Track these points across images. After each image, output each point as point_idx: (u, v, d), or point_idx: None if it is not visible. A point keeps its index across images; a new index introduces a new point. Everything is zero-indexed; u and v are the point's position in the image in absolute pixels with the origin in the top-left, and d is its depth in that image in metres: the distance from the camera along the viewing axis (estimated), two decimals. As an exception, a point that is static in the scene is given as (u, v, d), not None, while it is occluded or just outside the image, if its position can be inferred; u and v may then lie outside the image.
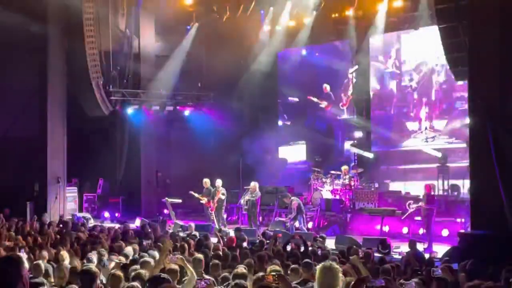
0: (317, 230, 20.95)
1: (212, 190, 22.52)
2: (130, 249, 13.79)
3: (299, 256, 12.37)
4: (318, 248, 15.10)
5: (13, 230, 17.39)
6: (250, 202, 21.76)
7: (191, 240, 15.01)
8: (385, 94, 25.53)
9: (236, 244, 15.90)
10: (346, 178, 23.00)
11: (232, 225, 22.78)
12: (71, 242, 14.98)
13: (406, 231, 19.99)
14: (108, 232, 17.63)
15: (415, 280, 8.58)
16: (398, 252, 16.70)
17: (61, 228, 18.67)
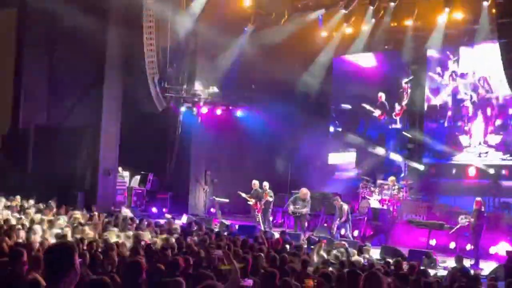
0: (363, 239, 20.83)
1: (260, 192, 22.58)
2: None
3: (344, 264, 12.33)
4: (363, 257, 15.03)
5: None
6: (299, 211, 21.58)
7: (236, 240, 15.07)
8: (439, 106, 25.22)
9: (281, 247, 15.94)
10: (395, 188, 22.79)
11: (277, 228, 22.80)
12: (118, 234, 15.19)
13: (453, 246, 19.72)
14: (154, 227, 17.85)
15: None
16: (444, 267, 16.49)
17: (109, 219, 18.92)
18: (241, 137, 26.72)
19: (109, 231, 15.27)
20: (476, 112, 24.18)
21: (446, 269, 15.72)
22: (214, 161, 27.73)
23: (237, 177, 25.80)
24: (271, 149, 26.56)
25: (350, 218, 21.05)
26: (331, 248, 16.17)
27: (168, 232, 16.54)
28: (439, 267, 16.64)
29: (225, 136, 26.17)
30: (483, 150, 23.73)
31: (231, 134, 26.38)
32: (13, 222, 15.50)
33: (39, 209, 19.81)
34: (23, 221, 16.18)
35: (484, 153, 23.70)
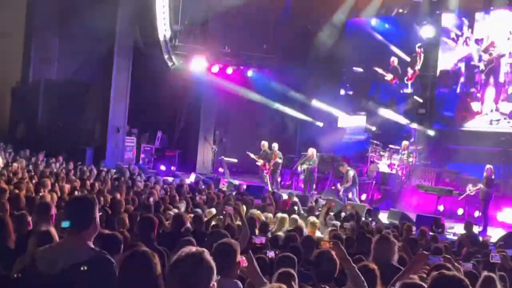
0: (370, 203, 20.84)
1: (268, 153, 22.55)
2: (183, 203, 14.02)
3: (354, 227, 12.33)
4: (372, 220, 15.03)
5: (72, 173, 17.77)
6: (307, 170, 21.67)
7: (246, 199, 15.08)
8: (452, 72, 24.94)
9: (288, 208, 15.96)
10: (404, 153, 22.73)
11: (285, 189, 22.80)
12: (126, 190, 15.23)
13: (461, 212, 19.73)
14: (163, 184, 17.90)
15: (473, 262, 8.46)
16: (452, 233, 16.49)
17: (118, 176, 18.96)
18: (252, 97, 26.52)
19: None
20: (488, 79, 23.90)
21: (455, 235, 15.73)
22: (223, 121, 27.67)
23: (246, 137, 25.76)
24: (281, 111, 26.40)
25: (357, 183, 21.04)
26: (339, 210, 16.19)
27: (176, 190, 16.56)
28: (447, 233, 16.65)
29: (236, 96, 26.00)
30: (495, 117, 23.51)
31: (241, 94, 26.20)
32: (21, 175, 15.56)
33: (48, 163, 19.89)
34: (32, 174, 16.24)
35: (496, 120, 23.49)
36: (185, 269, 3.41)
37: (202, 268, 3.43)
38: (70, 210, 4.49)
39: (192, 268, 3.41)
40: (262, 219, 12.01)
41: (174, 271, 3.44)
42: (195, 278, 3.41)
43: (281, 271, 5.56)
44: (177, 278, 3.41)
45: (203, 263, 3.44)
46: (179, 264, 3.43)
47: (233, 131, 27.66)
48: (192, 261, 3.43)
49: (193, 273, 3.39)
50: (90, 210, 4.37)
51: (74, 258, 4.22)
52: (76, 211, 4.40)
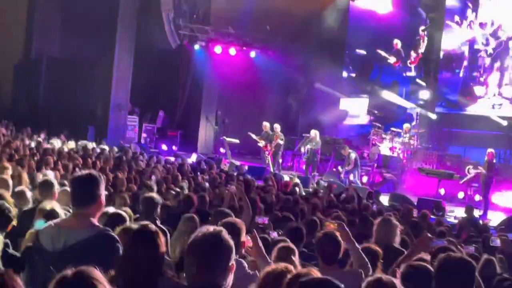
0: (371, 186, 20.86)
1: (270, 134, 22.54)
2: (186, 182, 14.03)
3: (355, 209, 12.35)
4: (373, 203, 15.05)
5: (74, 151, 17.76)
6: (311, 151, 21.65)
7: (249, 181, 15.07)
8: (456, 55, 24.90)
9: (289, 190, 15.99)
10: (406, 136, 22.73)
11: (286, 171, 22.82)
12: (128, 169, 15.24)
13: (462, 196, 19.78)
14: (164, 164, 17.90)
15: (475, 245, 8.50)
16: (453, 216, 16.53)
17: (120, 155, 18.95)
18: (254, 78, 26.46)
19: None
20: (492, 63, 23.88)
21: (456, 218, 15.77)
22: (225, 101, 27.64)
23: (248, 118, 25.73)
24: (283, 92, 26.37)
25: (358, 165, 21.06)
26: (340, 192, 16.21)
27: (178, 169, 16.55)
28: (447, 216, 16.68)
29: (238, 76, 25.93)
30: (497, 101, 23.52)
31: (244, 74, 26.12)
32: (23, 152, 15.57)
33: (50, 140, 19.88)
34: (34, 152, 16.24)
35: (498, 104, 23.51)
36: (205, 249, 3.37)
37: (222, 248, 3.39)
38: (75, 187, 4.49)
39: (211, 248, 3.37)
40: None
41: (193, 251, 3.41)
42: (215, 257, 3.38)
43: (280, 245, 5.58)
44: (196, 258, 3.38)
45: (222, 243, 3.41)
46: (198, 244, 3.40)
47: (235, 111, 27.63)
48: (211, 241, 3.39)
49: (212, 253, 3.36)
50: (95, 187, 4.37)
51: (78, 235, 4.23)
52: (81, 188, 4.41)
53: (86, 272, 2.67)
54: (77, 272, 2.66)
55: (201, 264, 3.38)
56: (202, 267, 3.38)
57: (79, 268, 2.68)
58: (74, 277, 2.64)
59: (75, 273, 2.66)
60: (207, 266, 3.38)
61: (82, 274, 2.66)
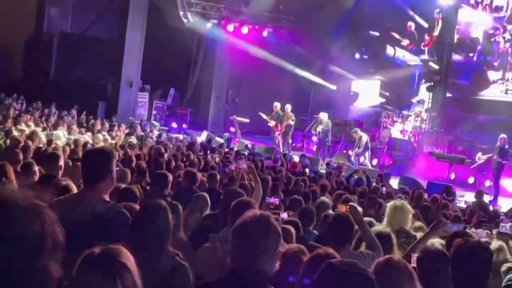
0: (381, 168, 20.79)
1: (281, 114, 22.45)
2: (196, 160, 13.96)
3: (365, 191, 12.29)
4: (383, 186, 14.98)
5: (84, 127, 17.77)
6: (322, 132, 21.55)
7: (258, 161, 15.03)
8: (470, 39, 24.65)
9: (298, 170, 15.95)
10: (417, 120, 22.61)
11: (296, 151, 22.76)
12: (138, 146, 15.22)
13: (472, 181, 19.68)
14: (175, 141, 17.87)
15: (486, 230, 8.43)
16: (464, 201, 16.44)
17: (130, 131, 18.95)
18: (266, 58, 26.31)
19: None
20: (506, 47, 23.64)
21: (466, 203, 15.68)
22: (236, 80, 27.54)
23: (258, 98, 25.63)
24: (294, 72, 26.20)
25: (369, 147, 20.97)
26: (350, 174, 16.16)
27: (188, 147, 16.52)
28: (457, 200, 16.60)
29: (250, 55, 25.81)
30: (511, 86, 23.31)
31: (256, 54, 26.00)
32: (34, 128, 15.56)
33: (60, 116, 19.87)
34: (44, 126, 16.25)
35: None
36: (254, 233, 3.24)
37: (271, 233, 3.27)
38: (87, 162, 4.45)
39: (261, 232, 3.24)
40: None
41: (241, 235, 3.29)
42: (264, 242, 3.24)
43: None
44: (244, 242, 3.27)
45: (271, 227, 3.29)
46: (246, 228, 3.27)
47: (246, 91, 27.55)
48: (261, 225, 3.26)
49: (262, 237, 3.23)
50: (107, 163, 4.31)
51: (89, 210, 4.20)
52: (93, 163, 4.36)
53: (114, 249, 2.64)
54: (105, 249, 2.63)
55: (248, 249, 3.26)
56: (249, 253, 3.26)
57: (107, 246, 2.66)
58: (101, 254, 2.61)
59: (103, 250, 2.63)
60: (255, 252, 3.25)
61: (110, 251, 2.63)
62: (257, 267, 3.20)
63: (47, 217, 1.99)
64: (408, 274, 3.50)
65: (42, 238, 1.95)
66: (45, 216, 1.99)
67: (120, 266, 2.56)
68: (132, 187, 6.40)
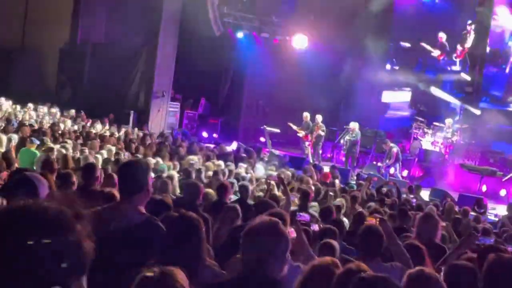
0: (412, 180, 20.68)
1: (311, 125, 22.48)
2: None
3: (395, 203, 12.26)
4: (413, 198, 14.93)
5: (117, 136, 17.97)
6: (349, 142, 21.55)
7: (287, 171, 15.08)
8: (503, 51, 24.48)
9: (329, 181, 15.94)
10: (449, 131, 22.47)
11: (326, 162, 22.74)
12: (170, 155, 15.34)
13: (504, 193, 19.47)
14: (206, 151, 17.98)
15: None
16: (494, 214, 16.30)
17: (161, 140, 19.11)
18: (297, 68, 26.33)
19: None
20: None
21: (496, 216, 15.55)
22: (267, 90, 27.57)
23: (289, 108, 25.64)
24: (326, 83, 26.16)
25: (400, 158, 20.88)
26: (381, 185, 16.11)
27: (219, 157, 16.61)
28: (489, 213, 16.45)
29: (281, 65, 25.89)
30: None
31: (287, 64, 26.06)
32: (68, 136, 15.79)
33: (93, 124, 20.12)
34: (78, 135, 16.48)
35: (544, 102, 23.08)
36: (263, 239, 3.36)
37: (280, 238, 3.38)
38: (123, 174, 4.52)
39: (270, 238, 3.35)
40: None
41: (250, 240, 3.40)
42: (273, 247, 3.35)
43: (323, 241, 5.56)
44: (253, 248, 3.38)
45: (280, 233, 3.40)
46: (256, 234, 3.39)
47: (277, 101, 27.54)
48: (270, 231, 3.38)
49: (271, 243, 3.34)
50: (143, 175, 4.38)
51: (124, 222, 4.26)
52: (129, 175, 4.43)
53: (170, 273, 2.68)
54: (161, 273, 2.68)
55: (258, 254, 3.36)
56: (259, 258, 3.35)
57: (164, 269, 2.70)
58: (158, 278, 2.66)
59: (159, 274, 2.67)
60: (264, 256, 3.35)
61: (166, 275, 2.68)
62: (265, 271, 3.29)
63: (75, 231, 1.96)
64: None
65: (63, 253, 1.87)
66: (73, 230, 1.94)
67: None
68: (165, 198, 6.49)
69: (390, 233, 5.61)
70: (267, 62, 26.14)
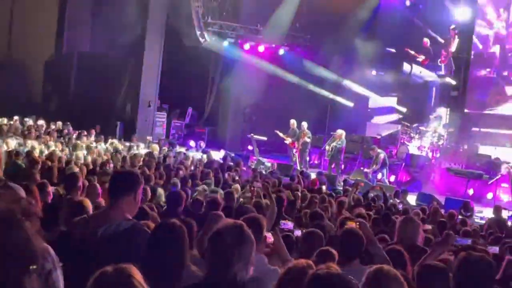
0: (399, 185, 20.73)
1: (297, 132, 22.52)
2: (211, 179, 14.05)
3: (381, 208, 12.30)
4: (400, 202, 14.98)
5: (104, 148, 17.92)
6: (335, 149, 21.57)
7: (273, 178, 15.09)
8: (487, 55, 24.62)
9: (317, 188, 15.96)
10: (435, 136, 22.57)
11: (314, 169, 22.76)
12: (157, 165, 15.31)
13: (491, 196, 19.54)
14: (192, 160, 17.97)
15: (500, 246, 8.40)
16: (480, 217, 16.36)
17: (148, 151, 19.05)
18: (282, 76, 26.40)
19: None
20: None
21: (483, 219, 15.61)
22: (253, 98, 27.59)
23: (275, 115, 25.69)
24: (311, 90, 26.24)
25: (387, 164, 20.93)
26: (367, 191, 16.14)
27: (206, 166, 16.61)
28: (475, 216, 16.51)
29: (267, 74, 25.94)
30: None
31: (272, 72, 26.12)
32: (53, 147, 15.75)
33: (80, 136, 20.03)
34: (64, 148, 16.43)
35: (530, 104, 23.21)
36: (226, 241, 3.40)
37: (243, 241, 3.41)
38: (113, 180, 4.65)
39: (233, 241, 3.39)
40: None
41: (214, 243, 3.44)
42: (236, 250, 3.39)
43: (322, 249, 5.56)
44: (217, 250, 3.41)
45: (243, 236, 3.44)
46: (219, 236, 3.43)
47: (263, 109, 27.58)
48: (233, 234, 3.42)
49: (234, 246, 3.38)
50: (132, 183, 4.48)
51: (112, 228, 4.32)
52: (118, 182, 4.56)
53: (126, 270, 2.69)
54: (117, 269, 2.69)
55: (222, 256, 3.40)
56: (223, 260, 3.40)
57: (120, 265, 2.71)
58: (113, 274, 2.66)
59: (115, 270, 2.68)
60: (228, 258, 3.39)
61: (122, 271, 2.68)
62: (230, 274, 3.31)
63: (23, 228, 1.98)
64: (399, 284, 3.47)
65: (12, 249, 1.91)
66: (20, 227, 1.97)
67: (132, 286, 2.62)
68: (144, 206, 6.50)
69: (370, 236, 5.63)
70: (253, 70, 26.16)
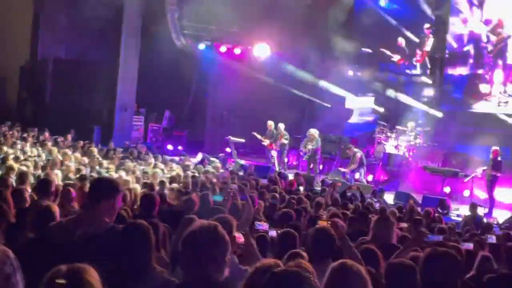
0: (377, 184, 20.85)
1: (275, 133, 22.55)
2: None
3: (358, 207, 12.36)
4: (377, 201, 15.06)
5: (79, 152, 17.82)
6: (312, 151, 21.56)
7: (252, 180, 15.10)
8: (461, 53, 24.81)
9: (294, 188, 16.01)
10: (412, 134, 22.71)
11: (292, 170, 22.80)
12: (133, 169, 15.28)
13: (467, 194, 19.69)
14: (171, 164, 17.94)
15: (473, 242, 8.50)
16: (457, 214, 16.51)
17: (125, 155, 18.99)
18: (260, 77, 26.39)
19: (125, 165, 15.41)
20: (497, 60, 23.78)
21: (459, 216, 15.75)
22: (231, 101, 27.59)
23: (253, 117, 25.69)
24: (288, 91, 26.29)
25: (364, 163, 21.03)
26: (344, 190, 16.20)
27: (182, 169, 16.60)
28: (452, 214, 16.66)
29: (243, 76, 25.93)
30: (503, 99, 23.41)
31: (249, 73, 26.11)
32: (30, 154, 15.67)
33: (56, 141, 19.91)
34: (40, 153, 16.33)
35: (504, 102, 23.39)
36: (201, 242, 3.38)
37: (219, 241, 3.40)
38: (92, 184, 4.74)
39: (208, 241, 3.38)
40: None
41: (189, 244, 3.42)
42: (212, 251, 3.38)
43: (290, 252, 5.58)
44: (192, 251, 3.39)
45: (218, 236, 3.42)
46: (194, 237, 3.41)
47: (241, 111, 27.57)
48: (208, 234, 3.40)
49: (209, 246, 3.36)
50: (110, 188, 4.61)
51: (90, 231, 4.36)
52: (97, 186, 4.71)
53: (79, 270, 2.69)
54: (70, 268, 2.69)
55: (197, 257, 3.38)
56: (198, 261, 3.38)
57: (74, 265, 2.71)
58: (65, 273, 2.66)
59: (68, 269, 2.68)
60: (203, 259, 3.37)
61: (76, 270, 2.68)
62: (206, 275, 3.30)
63: None
64: (361, 279, 3.45)
65: None
66: None
67: (85, 284, 2.62)
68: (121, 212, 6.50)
69: (342, 235, 5.66)
70: (229, 72, 26.16)
